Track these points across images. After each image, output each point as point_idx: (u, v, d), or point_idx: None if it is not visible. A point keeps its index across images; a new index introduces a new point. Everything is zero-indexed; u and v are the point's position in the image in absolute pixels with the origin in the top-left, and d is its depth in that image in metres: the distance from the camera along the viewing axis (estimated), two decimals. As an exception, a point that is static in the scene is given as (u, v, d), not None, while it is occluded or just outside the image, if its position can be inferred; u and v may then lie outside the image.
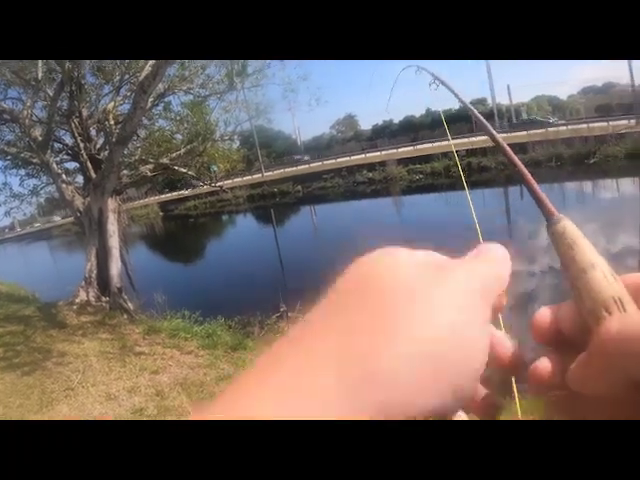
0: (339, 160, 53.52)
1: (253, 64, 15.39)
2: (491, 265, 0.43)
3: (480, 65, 70.14)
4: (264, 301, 11.49)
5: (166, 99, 15.53)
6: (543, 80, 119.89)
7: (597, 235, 17.90)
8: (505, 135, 45.76)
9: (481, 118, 0.59)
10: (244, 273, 18.77)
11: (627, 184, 30.00)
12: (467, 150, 40.51)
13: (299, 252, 21.94)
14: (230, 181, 45.61)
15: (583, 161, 35.31)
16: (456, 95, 0.68)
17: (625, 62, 46.27)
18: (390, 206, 36.19)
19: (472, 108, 0.64)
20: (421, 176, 42.01)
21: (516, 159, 0.52)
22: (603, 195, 28.97)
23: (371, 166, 46.28)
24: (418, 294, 0.38)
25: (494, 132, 0.54)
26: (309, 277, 16.39)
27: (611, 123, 40.80)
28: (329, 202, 42.41)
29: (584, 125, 42.55)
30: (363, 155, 53.56)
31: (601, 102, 59.11)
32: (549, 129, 44.45)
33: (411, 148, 50.94)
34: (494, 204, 28.75)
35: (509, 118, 60.77)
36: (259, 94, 17.78)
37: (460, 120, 60.23)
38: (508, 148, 0.53)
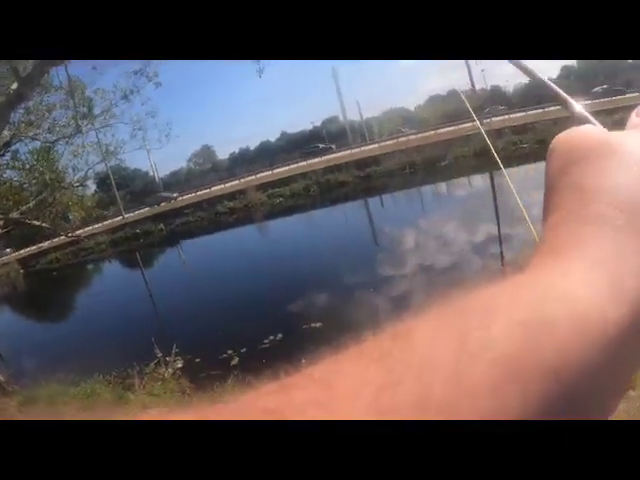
0: (199, 193, 52.97)
1: (99, 104, 15.05)
2: None
3: (329, 83, 71.81)
4: (139, 349, 11.07)
5: (13, 147, 14.82)
6: (391, 94, 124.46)
7: (459, 230, 18.70)
8: (358, 150, 47.13)
9: (555, 87, 0.54)
10: (116, 322, 18.12)
11: (478, 180, 31.83)
12: (324, 168, 41.32)
13: (170, 292, 21.41)
14: (90, 227, 43.90)
15: (435, 164, 36.99)
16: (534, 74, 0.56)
17: (465, 70, 49.31)
18: (254, 232, 36.23)
19: (546, 81, 0.55)
20: (281, 199, 42.29)
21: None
22: (458, 193, 30.39)
23: (231, 195, 46.13)
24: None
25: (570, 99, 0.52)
26: (182, 317, 15.95)
27: (457, 127, 43.25)
28: (194, 237, 41.84)
29: (432, 132, 44.71)
30: (222, 185, 53.26)
31: (447, 108, 62.20)
32: (399, 139, 46.18)
33: (269, 172, 51.20)
34: (356, 215, 29.37)
35: (362, 134, 62.43)
36: (108, 135, 17.37)
37: (314, 140, 61.22)
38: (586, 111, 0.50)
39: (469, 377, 0.27)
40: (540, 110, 42.47)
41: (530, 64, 0.53)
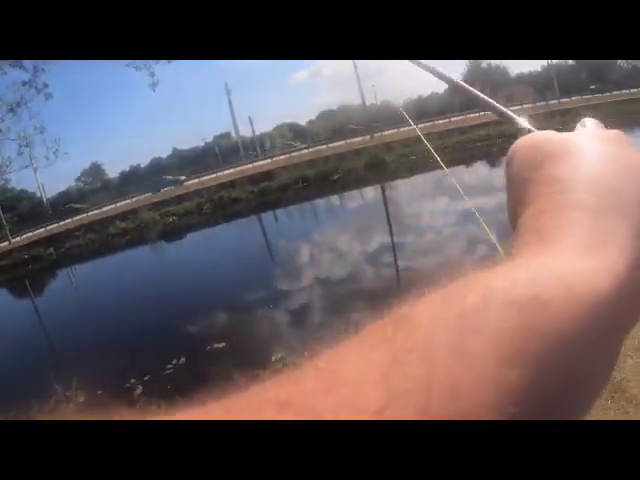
0: (90, 214, 51.45)
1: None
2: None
3: (222, 99, 71.58)
4: (36, 386, 10.62)
5: None
6: (282, 109, 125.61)
7: (353, 241, 19.12)
8: (251, 165, 47.26)
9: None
10: (7, 358, 17.34)
11: (369, 192, 32.67)
12: (217, 184, 41.22)
13: (64, 322, 20.67)
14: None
15: (328, 178, 37.69)
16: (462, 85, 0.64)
17: (356, 86, 51.00)
18: (148, 253, 35.58)
19: (465, 86, 0.63)
20: (175, 218, 41.69)
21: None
22: (351, 205, 31.03)
23: (123, 215, 45.15)
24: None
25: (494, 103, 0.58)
26: (79, 348, 15.42)
27: (348, 141, 44.39)
28: (86, 260, 40.54)
29: (324, 146, 45.58)
30: (114, 205, 51.96)
31: (338, 124, 63.78)
32: (293, 154, 46.73)
33: (162, 191, 50.39)
34: (251, 231, 29.39)
35: (254, 149, 62.60)
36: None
37: (201, 161, 60.70)
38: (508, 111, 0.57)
39: (470, 355, 0.28)
40: (429, 123, 44.42)
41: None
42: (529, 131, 0.52)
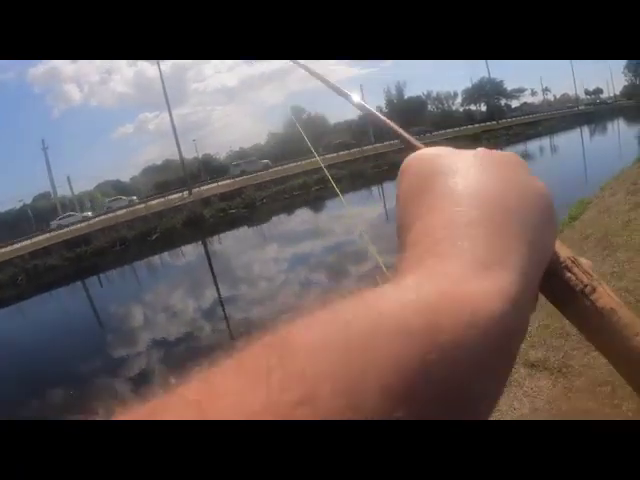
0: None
1: None
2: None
3: (39, 157, 69.07)
4: None
5: None
6: (106, 165, 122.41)
7: (186, 298, 18.81)
8: (67, 229, 45.48)
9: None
10: None
11: (190, 249, 32.54)
12: (30, 253, 39.02)
13: None
14: None
15: (146, 238, 37.16)
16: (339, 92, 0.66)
17: (180, 140, 50.95)
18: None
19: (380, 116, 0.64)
20: (-15, 293, 38.61)
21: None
22: (174, 263, 30.72)
23: None
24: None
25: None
26: None
27: (166, 198, 43.95)
28: None
29: (142, 205, 44.89)
30: None
31: (159, 179, 63.45)
32: (109, 214, 45.55)
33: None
34: (74, 300, 28.05)
35: (73, 209, 60.31)
36: None
37: (22, 219, 57.40)
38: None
39: (357, 393, 0.26)
40: (247, 176, 45.13)
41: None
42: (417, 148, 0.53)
